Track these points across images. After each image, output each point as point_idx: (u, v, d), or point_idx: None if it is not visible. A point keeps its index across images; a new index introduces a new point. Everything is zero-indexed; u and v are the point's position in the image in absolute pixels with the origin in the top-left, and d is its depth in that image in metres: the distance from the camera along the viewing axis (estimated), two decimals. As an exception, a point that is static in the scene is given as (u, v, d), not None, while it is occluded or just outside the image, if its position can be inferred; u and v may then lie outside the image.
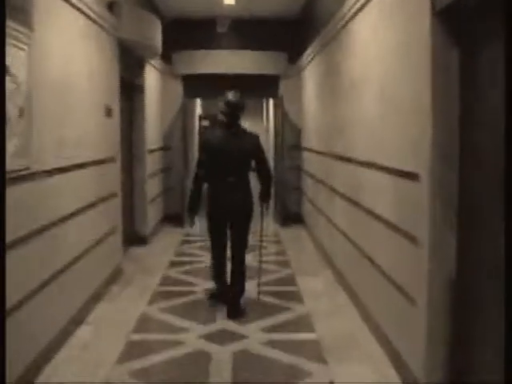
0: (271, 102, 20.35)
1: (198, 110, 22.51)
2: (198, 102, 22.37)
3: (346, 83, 7.02)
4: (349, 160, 6.87)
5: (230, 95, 6.39)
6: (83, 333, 5.74)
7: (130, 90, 9.60)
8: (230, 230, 6.47)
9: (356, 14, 6.24)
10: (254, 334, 5.79)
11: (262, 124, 27.61)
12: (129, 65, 8.84)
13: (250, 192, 6.42)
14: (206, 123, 22.79)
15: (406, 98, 4.59)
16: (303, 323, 6.12)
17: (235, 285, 6.46)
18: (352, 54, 6.62)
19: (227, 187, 6.23)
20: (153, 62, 10.74)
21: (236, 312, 6.35)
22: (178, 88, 12.38)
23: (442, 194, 4.04)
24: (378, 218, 5.51)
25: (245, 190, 6.35)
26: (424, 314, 4.18)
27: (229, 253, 6.58)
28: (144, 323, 6.09)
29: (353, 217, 6.73)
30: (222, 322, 6.15)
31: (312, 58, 10.13)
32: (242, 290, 6.51)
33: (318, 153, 9.66)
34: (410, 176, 4.41)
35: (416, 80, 4.31)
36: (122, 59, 8.06)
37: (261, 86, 12.52)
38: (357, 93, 6.39)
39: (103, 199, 6.98)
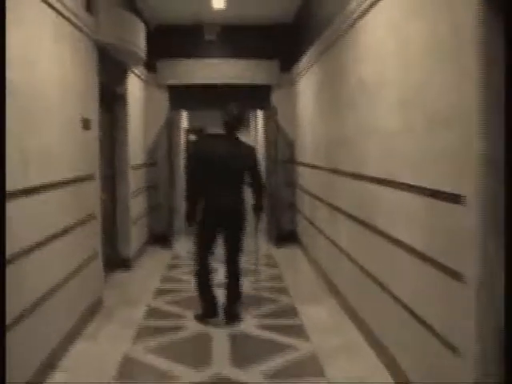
0: (259, 113, 19.72)
1: (184, 123, 21.70)
2: (184, 114, 21.57)
3: (353, 89, 6.25)
4: (357, 176, 6.09)
5: (232, 106, 6.46)
6: (56, 381, 4.90)
7: (112, 100, 8.80)
8: (224, 237, 6.50)
9: (369, 8, 5.46)
10: (255, 381, 4.98)
11: (248, 137, 26.83)
12: (110, 72, 8.05)
13: (243, 199, 6.51)
14: (192, 137, 21.95)
15: (439, 103, 3.80)
16: (310, 365, 5.29)
17: (231, 288, 6.54)
18: (362, 55, 5.85)
19: (221, 194, 6.31)
20: (136, 70, 9.96)
21: (232, 316, 6.47)
22: (163, 99, 11.59)
23: (495, 219, 3.26)
24: (397, 243, 4.72)
25: (239, 197, 6.43)
26: (470, 365, 3.39)
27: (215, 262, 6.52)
28: (127, 368, 5.24)
29: (362, 240, 5.95)
30: (218, 366, 5.32)
31: (309, 65, 9.38)
32: (238, 293, 6.57)
33: (315, 167, 8.89)
34: (449, 197, 3.62)
35: (454, 81, 3.54)
36: (102, 65, 7.28)
37: (251, 97, 11.75)
38: (368, 99, 5.62)
39: (80, 223, 6.18)
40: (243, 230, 6.51)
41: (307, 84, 9.78)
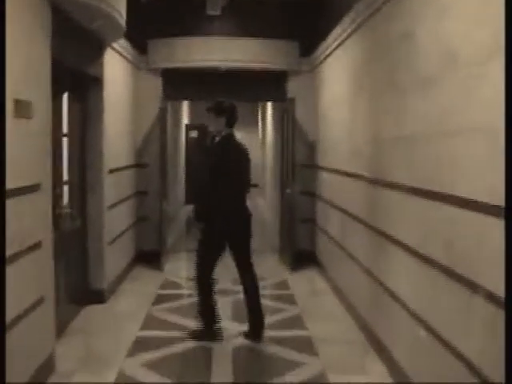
0: (269, 106, 17.56)
1: (185, 118, 19.56)
2: (185, 107, 19.42)
3: (429, 65, 4.12)
4: (437, 196, 3.96)
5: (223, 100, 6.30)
6: None
7: (80, 83, 6.70)
8: (234, 245, 6.10)
9: None
10: None
11: (256, 135, 24.71)
12: (77, 46, 5.97)
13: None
14: (194, 134, 19.78)
15: None
16: None
17: (255, 304, 6.19)
18: (444, 15, 3.72)
19: (236, 199, 5.96)
20: (120, 49, 7.86)
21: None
22: (155, 87, 9.47)
23: None
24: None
25: (246, 207, 6.08)
26: None
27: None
28: None
29: (440, 294, 3.84)
30: None
31: (339, 43, 7.24)
32: (261, 312, 6.17)
33: (349, 175, 6.77)
34: None
35: None
36: (63, 36, 5.21)
37: (262, 86, 9.69)
38: (463, 79, 3.49)
39: (16, 256, 4.10)
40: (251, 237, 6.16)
41: (336, 68, 7.65)
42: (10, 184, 4.01)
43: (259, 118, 23.59)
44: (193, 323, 6.30)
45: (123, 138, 8.41)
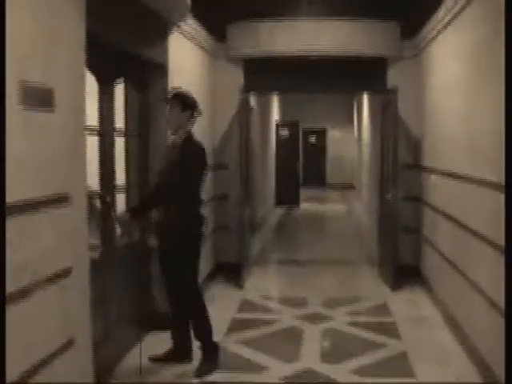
0: (366, 99, 16.23)
1: (275, 115, 18.43)
2: (275, 103, 18.29)
3: None
4: None
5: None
6: None
7: (139, 69, 5.66)
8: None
9: None
10: None
11: (351, 132, 23.37)
12: (133, 24, 4.93)
13: None
14: (285, 132, 18.60)
15: None
16: None
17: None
18: None
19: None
20: (192, 33, 6.80)
21: None
22: (236, 78, 8.37)
23: None
24: None
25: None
26: None
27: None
28: None
29: None
30: None
31: (451, 18, 5.91)
32: None
33: (466, 180, 5.43)
34: None
35: None
36: (112, 9, 4.19)
37: (357, 75, 8.42)
38: None
39: (26, 290, 3.11)
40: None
41: (449, 49, 6.31)
42: (16, 196, 2.97)
43: (354, 112, 22.25)
44: (275, 362, 5.17)
45: (197, 135, 7.30)
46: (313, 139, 25.26)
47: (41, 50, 3.30)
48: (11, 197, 2.93)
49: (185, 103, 4.81)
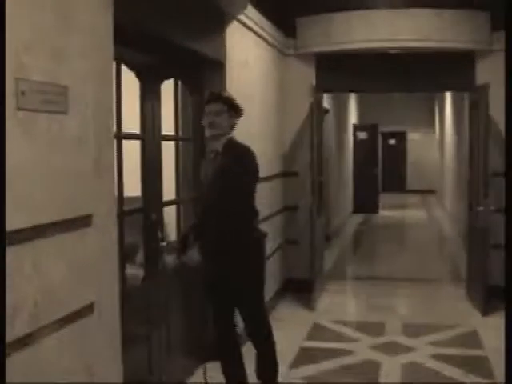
0: (448, 99, 15.21)
1: (352, 118, 17.57)
2: (352, 104, 17.43)
3: None
4: None
5: None
6: None
7: (193, 67, 4.99)
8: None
9: None
10: None
11: (432, 135, 22.21)
12: (182, 14, 4.27)
13: None
14: (363, 136, 17.68)
15: None
16: None
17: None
18: None
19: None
20: (257, 28, 6.14)
21: None
22: (308, 76, 7.64)
23: None
24: None
25: None
26: None
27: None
28: None
29: None
30: None
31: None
32: None
33: None
34: None
35: None
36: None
37: (442, 71, 7.57)
38: None
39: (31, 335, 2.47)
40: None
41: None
42: (18, 222, 2.35)
43: (436, 113, 21.15)
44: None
45: (263, 140, 6.63)
46: (392, 142, 24.23)
47: (49, 40, 2.65)
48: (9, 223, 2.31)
49: (233, 106, 4.10)
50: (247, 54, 6.02)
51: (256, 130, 6.28)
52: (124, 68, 3.96)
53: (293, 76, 7.66)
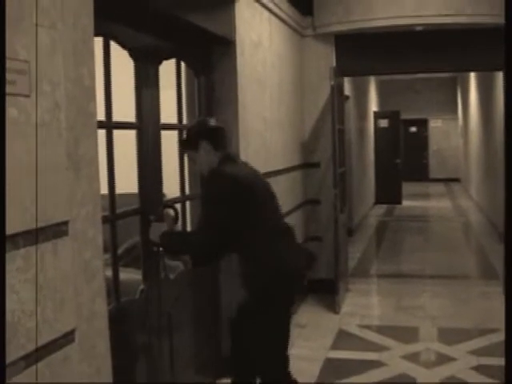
0: (473, 81, 14.55)
1: (373, 105, 16.89)
2: (373, 91, 16.76)
3: None
4: None
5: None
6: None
7: (198, 46, 4.40)
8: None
9: None
10: None
11: (455, 122, 21.49)
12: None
13: None
14: (384, 124, 16.99)
15: None
16: None
17: None
18: None
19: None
20: (271, 5, 5.55)
21: None
22: (327, 59, 7.03)
23: None
24: None
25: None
26: None
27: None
28: None
29: None
30: None
31: None
32: None
33: None
34: None
35: None
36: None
37: (467, 49, 6.95)
38: None
39: None
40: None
41: None
42: None
43: (458, 98, 20.43)
44: None
45: (279, 129, 6.06)
46: (413, 130, 23.46)
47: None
48: None
49: (186, 141, 3.54)
50: (260, 33, 5.42)
51: (272, 116, 5.71)
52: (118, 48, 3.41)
53: (311, 58, 7.07)
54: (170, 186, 4.04)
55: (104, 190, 2.94)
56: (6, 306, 2.04)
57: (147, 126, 3.62)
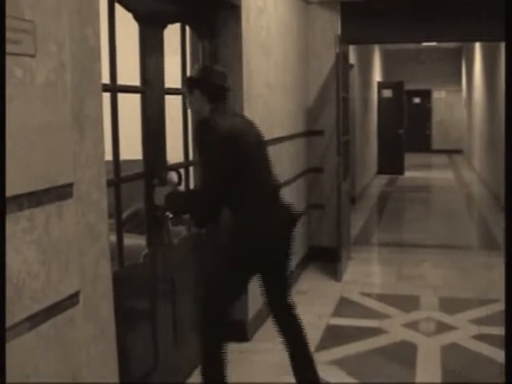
0: (478, 53, 14.43)
1: (377, 75, 16.79)
2: (377, 61, 16.65)
3: None
4: None
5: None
6: None
7: (203, 10, 4.35)
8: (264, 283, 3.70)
9: None
10: None
11: (458, 93, 21.37)
12: None
13: None
14: (388, 94, 16.91)
15: None
16: None
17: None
18: None
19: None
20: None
21: None
22: (332, 26, 6.97)
23: None
24: None
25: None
26: None
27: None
28: None
29: None
30: None
31: None
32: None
33: None
34: None
35: None
36: None
37: (474, 18, 6.86)
38: None
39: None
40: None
41: None
42: None
43: (462, 69, 20.30)
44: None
45: (284, 95, 6.02)
46: (417, 101, 23.33)
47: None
48: None
49: (190, 83, 3.48)
50: (267, 2, 5.36)
51: (276, 82, 5.67)
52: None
53: (316, 25, 6.99)
54: (174, 154, 4.03)
55: (108, 156, 2.92)
56: (5, 303, 2.02)
57: (151, 90, 3.60)
